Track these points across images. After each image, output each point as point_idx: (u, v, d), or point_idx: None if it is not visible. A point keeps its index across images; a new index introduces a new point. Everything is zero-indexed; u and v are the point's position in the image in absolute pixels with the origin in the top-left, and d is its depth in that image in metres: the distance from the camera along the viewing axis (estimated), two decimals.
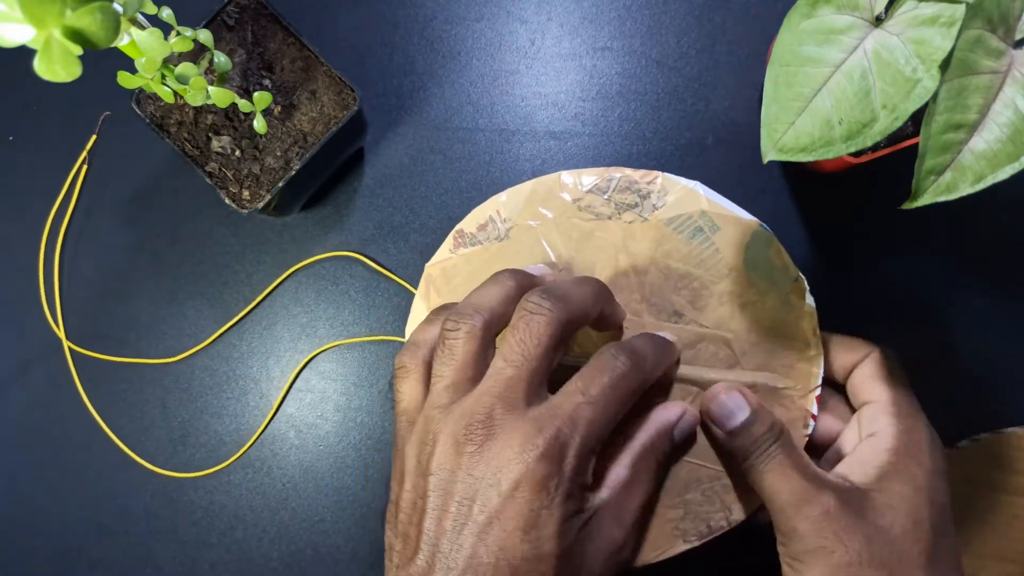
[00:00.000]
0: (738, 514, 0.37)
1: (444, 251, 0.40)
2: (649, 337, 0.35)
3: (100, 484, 0.45)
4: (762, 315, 0.38)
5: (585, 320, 0.33)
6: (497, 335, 0.33)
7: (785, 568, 0.33)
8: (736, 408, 0.35)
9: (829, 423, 0.38)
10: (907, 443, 0.34)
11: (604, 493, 0.32)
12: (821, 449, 0.38)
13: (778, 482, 0.33)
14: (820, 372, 0.37)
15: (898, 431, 0.34)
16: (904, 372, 0.37)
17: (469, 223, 0.40)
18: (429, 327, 0.34)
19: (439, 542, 0.29)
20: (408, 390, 0.33)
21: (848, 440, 0.37)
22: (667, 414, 0.35)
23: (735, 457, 0.35)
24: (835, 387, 0.39)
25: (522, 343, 0.30)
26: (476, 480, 0.29)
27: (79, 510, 0.45)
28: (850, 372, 0.37)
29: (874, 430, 0.34)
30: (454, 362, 0.31)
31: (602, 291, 0.34)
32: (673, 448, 0.36)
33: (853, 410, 0.38)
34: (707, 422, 0.36)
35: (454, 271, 0.40)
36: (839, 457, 0.36)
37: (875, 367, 0.36)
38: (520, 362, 0.30)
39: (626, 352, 0.32)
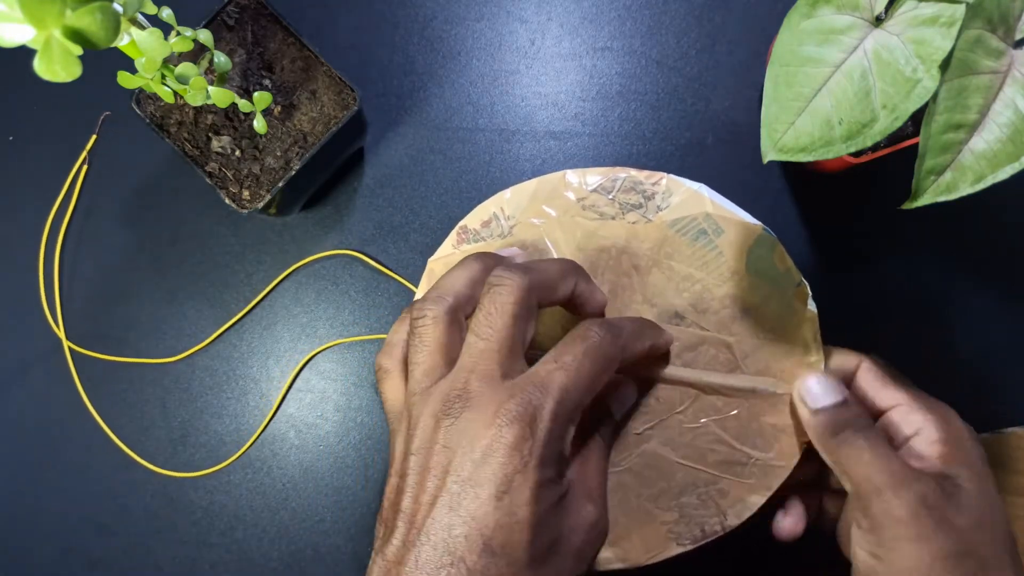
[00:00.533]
0: (733, 519, 0.37)
1: (447, 247, 0.40)
2: (629, 317, 0.35)
3: (100, 484, 0.45)
4: (764, 319, 0.38)
5: (553, 292, 0.33)
6: (468, 317, 0.33)
7: (863, 555, 0.32)
8: (831, 388, 0.35)
9: None
10: (951, 432, 0.34)
11: (565, 477, 0.32)
12: None
13: (875, 462, 0.32)
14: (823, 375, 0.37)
15: (937, 424, 0.34)
16: (899, 371, 0.37)
17: (473, 219, 0.40)
18: (401, 325, 0.34)
19: (414, 518, 0.28)
20: (391, 389, 0.33)
21: None
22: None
23: (821, 432, 0.34)
24: None
25: (489, 315, 0.30)
26: (451, 451, 0.28)
27: (79, 510, 0.45)
28: (847, 379, 0.38)
29: (914, 429, 0.35)
30: (426, 348, 0.31)
31: (572, 267, 0.34)
32: (613, 421, 0.36)
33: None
34: (796, 402, 0.36)
35: None
36: None
37: (877, 374, 0.37)
38: (489, 334, 0.30)
39: (599, 323, 0.32)
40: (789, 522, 0.38)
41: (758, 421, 0.37)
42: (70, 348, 0.45)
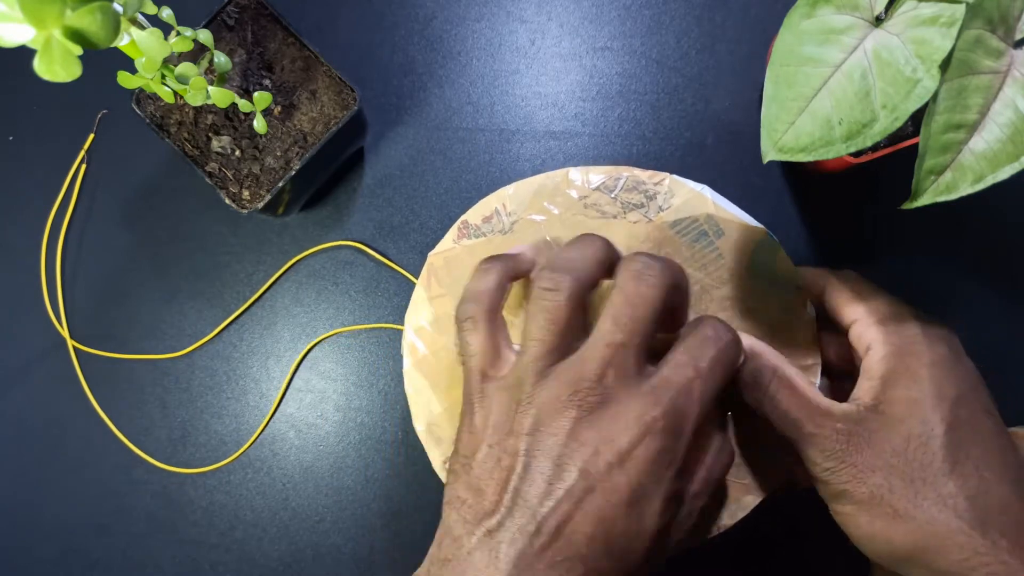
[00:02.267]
0: (727, 519, 0.37)
1: (448, 241, 0.40)
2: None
3: (100, 484, 0.45)
4: (762, 322, 0.38)
5: (679, 296, 0.32)
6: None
7: (832, 510, 0.33)
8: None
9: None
10: (899, 344, 0.33)
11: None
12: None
13: (786, 429, 0.32)
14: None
15: (886, 334, 0.33)
16: (872, 284, 0.36)
17: (474, 214, 0.40)
18: (486, 276, 0.33)
19: (538, 508, 0.27)
20: (479, 343, 0.31)
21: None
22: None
23: (741, 389, 0.34)
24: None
25: (634, 306, 0.29)
26: (581, 445, 0.27)
27: (79, 510, 0.45)
28: (818, 301, 0.37)
29: (867, 344, 0.34)
30: (553, 325, 0.29)
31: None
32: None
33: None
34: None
35: (456, 261, 0.40)
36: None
37: (840, 290, 0.36)
38: (631, 327, 0.29)
39: (723, 324, 0.31)
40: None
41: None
42: (74, 347, 0.45)
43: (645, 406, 0.28)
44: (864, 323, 0.34)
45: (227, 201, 0.38)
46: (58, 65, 0.23)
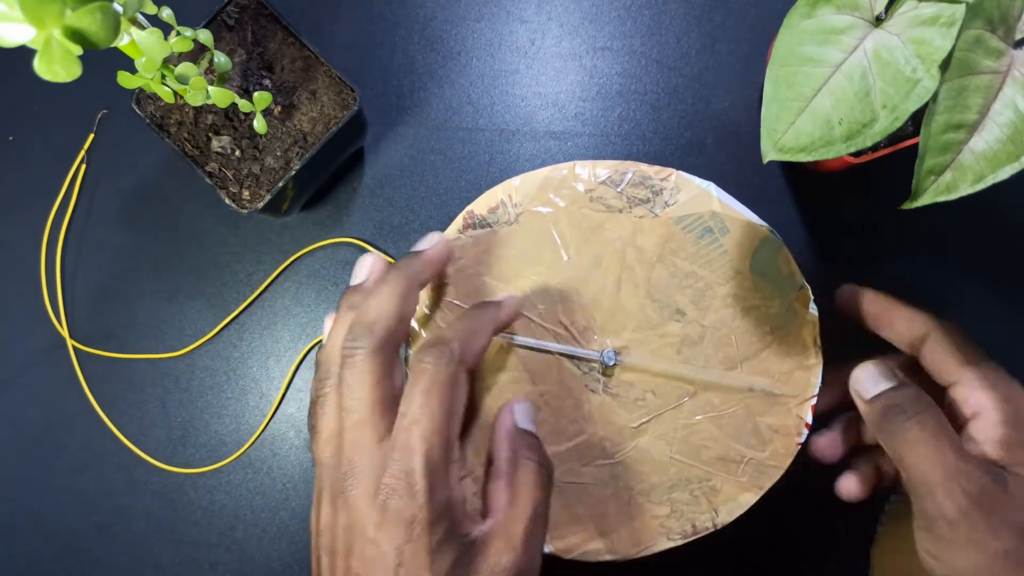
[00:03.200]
0: (724, 517, 0.37)
1: (452, 230, 0.40)
2: (461, 317, 0.34)
3: (100, 484, 0.45)
4: (764, 320, 0.38)
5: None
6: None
7: (922, 553, 0.31)
8: (882, 375, 0.34)
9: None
10: (1015, 412, 0.32)
11: (486, 524, 0.31)
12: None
13: (928, 454, 0.31)
14: (818, 382, 0.37)
15: (999, 402, 0.33)
16: (972, 342, 0.36)
17: (480, 205, 0.40)
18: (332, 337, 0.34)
19: None
20: (326, 425, 0.32)
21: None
22: (504, 418, 0.34)
23: (875, 420, 0.33)
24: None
25: (350, 388, 0.31)
26: (350, 533, 0.29)
27: (79, 510, 0.45)
28: (916, 346, 0.36)
29: (975, 409, 0.33)
30: (356, 400, 0.31)
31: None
32: (537, 439, 0.35)
33: (932, 384, 0.36)
34: (853, 395, 0.35)
35: (461, 251, 0.40)
36: None
37: (943, 346, 0.35)
38: (355, 405, 0.30)
39: (426, 353, 0.31)
40: (823, 440, 0.37)
41: (754, 421, 0.37)
42: (74, 347, 0.45)
43: (374, 477, 0.29)
44: (971, 386, 0.34)
45: (227, 201, 0.38)
46: (58, 65, 0.23)
